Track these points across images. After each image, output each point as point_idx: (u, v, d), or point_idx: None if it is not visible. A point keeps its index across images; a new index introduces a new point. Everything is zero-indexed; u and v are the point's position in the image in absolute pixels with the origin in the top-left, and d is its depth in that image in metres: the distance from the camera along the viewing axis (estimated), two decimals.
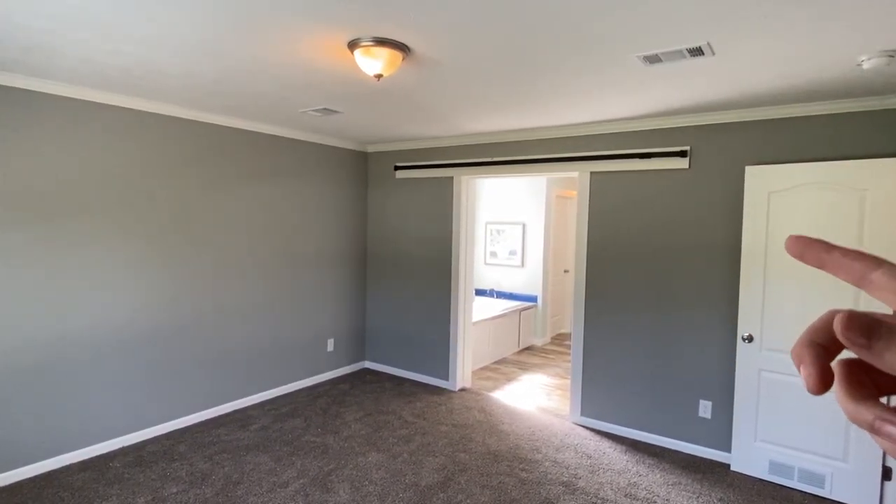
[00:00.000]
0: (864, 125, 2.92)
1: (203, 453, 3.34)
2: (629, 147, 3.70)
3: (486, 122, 3.83)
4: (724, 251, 3.37)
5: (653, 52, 2.20)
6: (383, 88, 2.93)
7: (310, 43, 2.23)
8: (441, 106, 3.32)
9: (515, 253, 6.85)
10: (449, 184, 4.67)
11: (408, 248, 4.95)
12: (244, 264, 4.11)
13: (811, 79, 2.50)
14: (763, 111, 3.16)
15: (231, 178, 3.99)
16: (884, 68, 2.29)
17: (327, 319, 4.87)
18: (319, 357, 4.80)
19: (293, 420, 3.91)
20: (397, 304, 5.04)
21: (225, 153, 3.94)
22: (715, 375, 3.43)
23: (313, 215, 4.67)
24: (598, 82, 2.68)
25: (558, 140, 4.02)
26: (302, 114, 3.68)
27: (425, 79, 2.71)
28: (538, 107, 3.27)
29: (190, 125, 3.68)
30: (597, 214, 3.87)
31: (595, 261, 3.89)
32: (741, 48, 2.14)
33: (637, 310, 3.71)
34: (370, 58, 2.19)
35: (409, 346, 4.98)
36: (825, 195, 2.92)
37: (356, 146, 5.04)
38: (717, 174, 3.38)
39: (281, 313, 4.42)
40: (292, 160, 4.45)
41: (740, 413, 3.24)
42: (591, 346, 3.92)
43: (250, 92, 3.11)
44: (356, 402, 4.31)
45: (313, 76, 2.72)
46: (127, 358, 3.42)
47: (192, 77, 2.79)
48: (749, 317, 3.19)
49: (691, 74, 2.51)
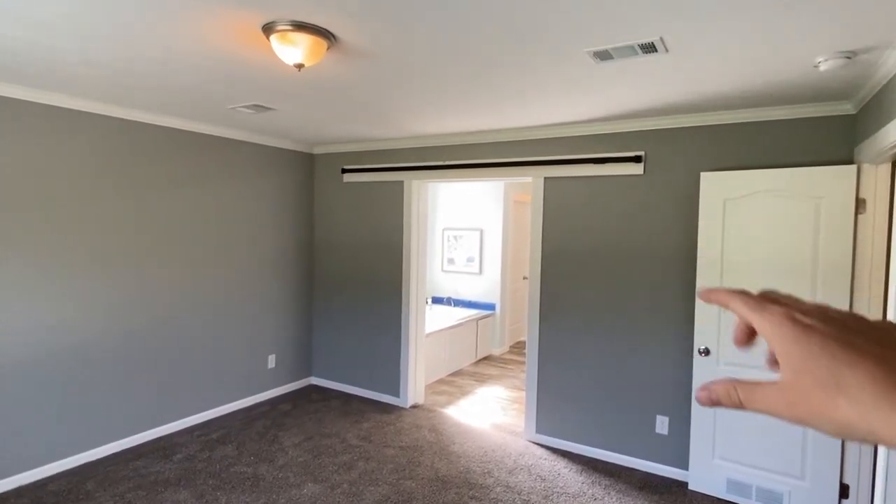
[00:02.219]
0: (819, 131, 2.84)
1: (114, 491, 2.95)
2: (584, 152, 3.55)
3: (436, 124, 3.60)
4: (680, 260, 3.24)
5: (603, 47, 2.01)
6: (317, 84, 2.66)
7: (220, 27, 1.94)
8: (383, 105, 3.07)
9: (473, 260, 6.65)
10: (399, 188, 4.41)
11: (357, 255, 4.66)
12: (175, 274, 3.73)
13: (768, 80, 2.38)
14: (719, 115, 3.06)
15: (161, 181, 3.61)
16: (840, 71, 2.18)
17: (268, 333, 4.51)
18: (259, 374, 4.44)
19: (224, 447, 3.55)
20: (346, 315, 4.74)
21: (152, 154, 3.55)
22: (672, 389, 3.29)
23: (254, 221, 4.32)
24: (546, 81, 2.49)
25: (512, 144, 3.83)
26: (232, 111, 3.35)
27: (361, 74, 2.45)
28: (487, 107, 3.06)
29: (107, 122, 3.29)
30: (551, 222, 3.70)
31: (550, 270, 3.71)
32: (695, 45, 1.98)
33: (593, 321, 3.55)
34: (288, 45, 1.92)
35: (358, 360, 4.68)
36: (781, 203, 2.83)
37: (301, 147, 4.72)
38: (673, 180, 3.26)
39: (216, 327, 4.05)
40: (230, 162, 4.10)
41: (698, 429, 3.11)
42: (546, 360, 3.73)
43: (172, 86, 2.77)
44: (297, 424, 3.98)
45: (234, 67, 2.42)
46: (30, 381, 3.00)
47: (100, 67, 2.44)
48: (705, 329, 3.06)
49: (645, 73, 2.35)
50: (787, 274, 2.82)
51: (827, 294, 2.71)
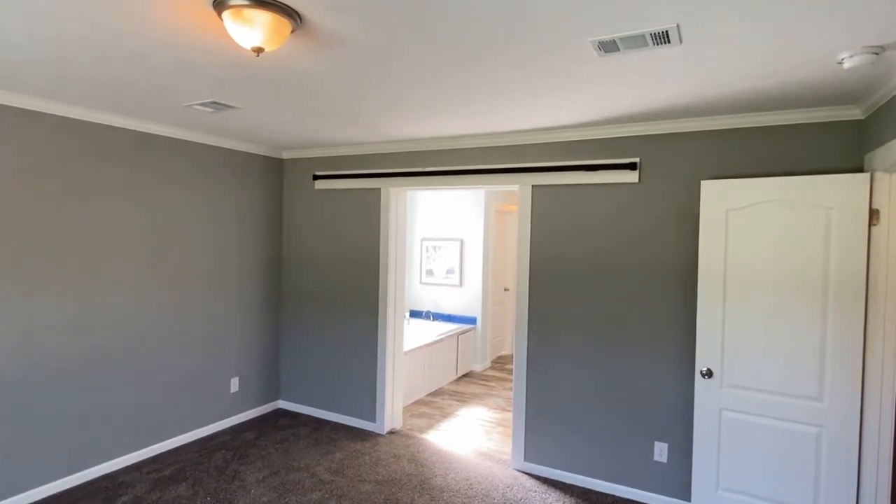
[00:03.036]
0: (826, 138, 2.67)
1: None
2: (574, 158, 3.31)
3: (416, 127, 3.32)
4: (680, 275, 3.02)
5: (610, 35, 1.77)
6: (282, 76, 2.35)
7: (161, 2, 1.62)
8: (358, 103, 2.77)
9: (453, 271, 6.37)
10: (376, 196, 4.10)
11: (330, 268, 4.32)
12: (121, 292, 3.33)
13: (783, 79, 2.18)
14: (719, 120, 2.86)
15: (106, 188, 3.22)
16: (865, 68, 1.99)
17: (231, 354, 4.12)
18: (220, 400, 4.04)
19: (177, 486, 3.14)
20: (318, 333, 4.38)
21: (99, 156, 3.16)
22: (671, 414, 3.06)
23: (216, 231, 3.94)
24: (543, 76, 2.23)
25: (498, 149, 3.57)
26: (189, 108, 3.01)
27: (333, 64, 2.15)
28: (473, 106, 2.79)
29: (42, 120, 2.90)
30: (539, 233, 3.44)
31: (538, 284, 3.45)
32: (714, 36, 1.76)
33: (585, 339, 3.29)
34: (244, 24, 1.61)
35: (331, 382, 4.32)
36: (788, 214, 2.63)
37: (269, 151, 4.37)
38: (671, 189, 3.05)
39: (171, 350, 3.65)
40: (189, 167, 3.72)
41: (700, 458, 2.87)
42: (534, 381, 3.46)
43: (114, 78, 2.42)
44: (261, 455, 3.59)
45: (183, 54, 2.09)
46: None
47: (22, 52, 2.07)
48: (707, 349, 2.84)
49: (650, 70, 2.12)
50: (796, 290, 2.62)
51: (839, 313, 2.52)
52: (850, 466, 2.52)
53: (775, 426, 2.67)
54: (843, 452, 2.53)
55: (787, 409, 2.64)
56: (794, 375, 2.62)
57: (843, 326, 2.52)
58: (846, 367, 2.52)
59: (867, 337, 2.50)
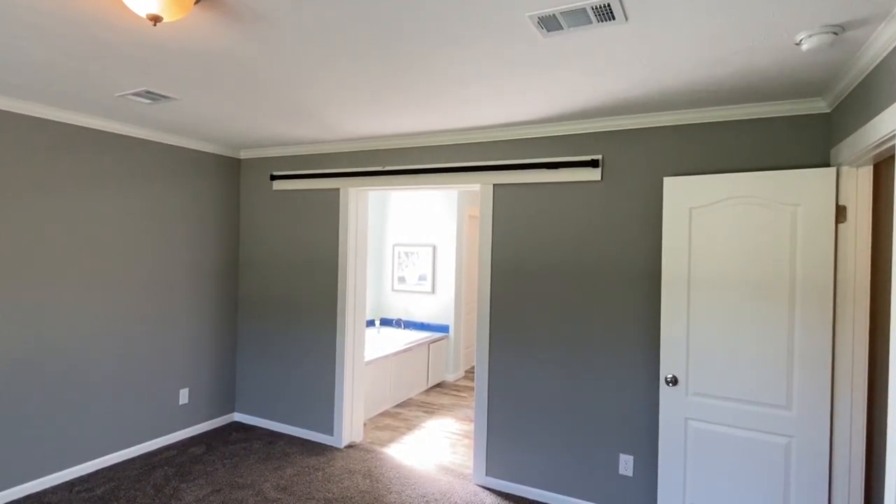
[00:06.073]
0: (791, 132, 2.55)
1: None
2: (536, 156, 3.17)
3: (371, 124, 3.16)
4: (645, 278, 2.88)
5: (549, 10, 1.63)
6: (206, 60, 2.17)
7: None
8: (300, 94, 2.60)
9: (425, 278, 6.19)
10: (335, 197, 3.92)
11: (289, 272, 4.12)
12: (55, 296, 3.10)
13: (741, 67, 2.06)
14: (683, 115, 2.74)
15: (42, 184, 3.01)
16: (823, 52, 1.87)
17: (181, 363, 3.88)
18: (167, 412, 3.79)
19: None
20: (276, 341, 4.16)
21: (24, 152, 2.95)
22: (636, 424, 2.89)
23: (167, 232, 3.72)
24: (484, 60, 2.09)
25: (458, 147, 3.42)
26: (123, 99, 2.82)
27: (256, 44, 1.98)
28: (423, 99, 2.64)
29: None
30: (502, 235, 3.29)
31: (500, 290, 3.28)
32: (659, 12, 1.62)
33: (548, 348, 3.13)
34: None
35: (288, 393, 4.10)
36: (753, 211, 2.50)
37: (226, 151, 4.18)
38: (634, 187, 2.91)
39: (110, 359, 3.41)
40: (134, 165, 3.52)
41: (666, 471, 2.70)
42: (497, 392, 3.28)
43: (27, 61, 2.23)
44: (206, 472, 3.36)
45: (93, 32, 1.91)
46: None
47: None
48: (672, 355, 2.69)
49: (600, 52, 1.98)
50: (762, 293, 2.48)
51: (807, 315, 2.38)
52: (821, 478, 2.37)
53: (743, 436, 2.52)
54: (814, 463, 2.38)
55: (755, 419, 2.49)
56: (762, 383, 2.48)
57: (810, 329, 2.38)
58: (815, 373, 2.37)
59: (836, 341, 2.36)
